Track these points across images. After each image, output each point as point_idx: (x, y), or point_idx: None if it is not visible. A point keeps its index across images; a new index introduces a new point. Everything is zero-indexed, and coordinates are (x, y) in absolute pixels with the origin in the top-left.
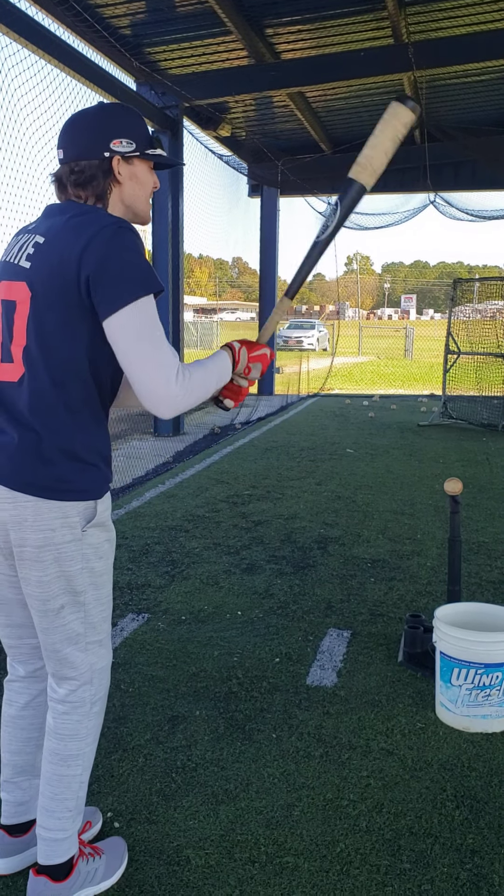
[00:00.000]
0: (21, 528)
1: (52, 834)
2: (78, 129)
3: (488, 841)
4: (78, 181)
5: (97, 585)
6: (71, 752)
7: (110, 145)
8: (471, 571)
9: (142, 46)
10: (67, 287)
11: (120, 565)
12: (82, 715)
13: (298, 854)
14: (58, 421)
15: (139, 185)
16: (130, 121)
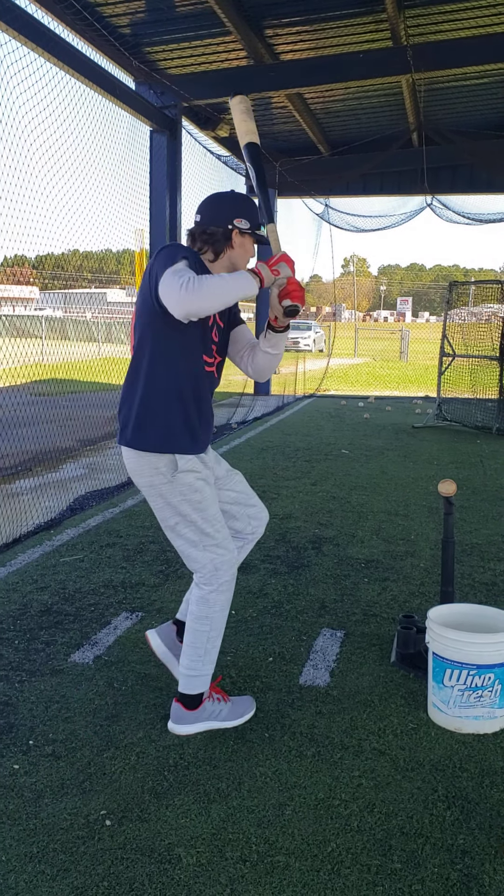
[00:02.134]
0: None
1: (186, 671)
2: (214, 205)
3: (479, 841)
4: (206, 240)
5: (200, 509)
6: (203, 615)
7: (234, 221)
8: (464, 573)
9: (141, 46)
10: (152, 281)
11: (114, 564)
12: (210, 591)
13: (290, 853)
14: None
15: (244, 252)
16: (249, 207)
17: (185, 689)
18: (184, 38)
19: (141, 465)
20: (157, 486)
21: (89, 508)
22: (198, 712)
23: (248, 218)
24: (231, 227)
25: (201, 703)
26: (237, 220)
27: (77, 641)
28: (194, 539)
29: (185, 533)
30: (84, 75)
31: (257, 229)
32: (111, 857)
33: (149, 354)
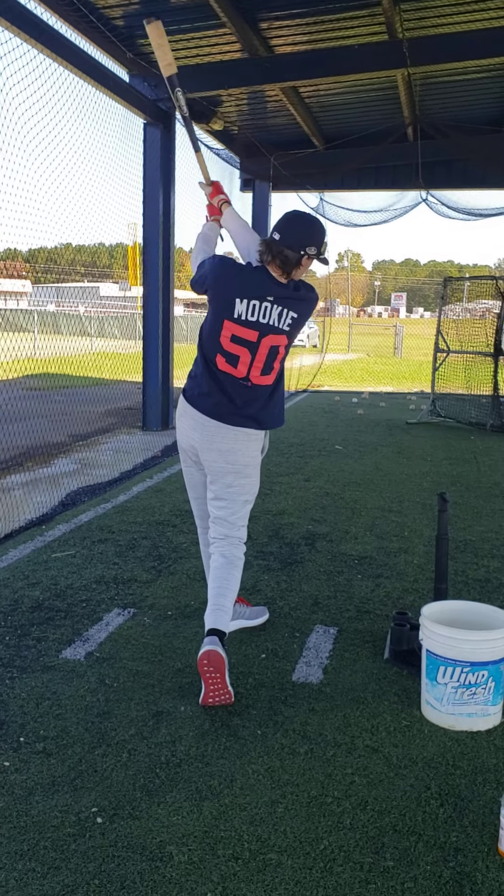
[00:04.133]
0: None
1: (223, 608)
2: (293, 228)
3: (472, 839)
4: (281, 260)
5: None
6: (238, 565)
7: (306, 248)
8: (457, 569)
9: (135, 38)
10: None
11: (106, 560)
12: (242, 553)
13: (282, 851)
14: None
15: (303, 271)
16: (319, 233)
17: (225, 625)
18: (178, 31)
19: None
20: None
21: (81, 504)
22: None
23: (317, 245)
24: (303, 254)
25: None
26: (309, 248)
27: (68, 638)
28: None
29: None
30: (77, 67)
31: (321, 253)
32: (102, 855)
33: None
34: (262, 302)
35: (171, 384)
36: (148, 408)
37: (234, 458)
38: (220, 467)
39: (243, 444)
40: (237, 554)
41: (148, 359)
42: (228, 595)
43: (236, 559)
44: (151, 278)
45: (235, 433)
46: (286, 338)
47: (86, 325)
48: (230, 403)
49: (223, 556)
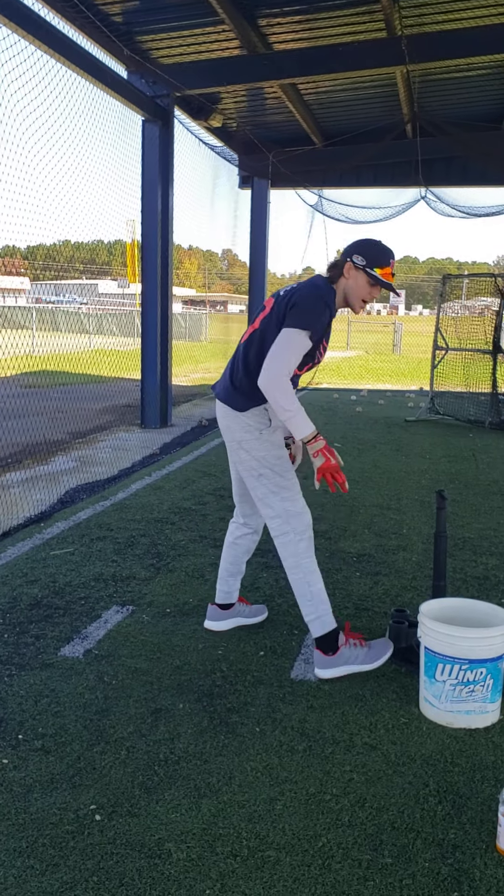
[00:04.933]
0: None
1: (307, 616)
2: (352, 244)
3: (470, 836)
4: (331, 268)
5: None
6: (291, 564)
7: (353, 256)
8: (456, 567)
9: (133, 34)
10: (285, 309)
11: (104, 557)
12: (289, 541)
13: (280, 848)
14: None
15: (355, 286)
16: (375, 251)
17: (317, 633)
18: (176, 27)
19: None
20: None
21: (80, 501)
22: (336, 657)
23: (366, 257)
24: (346, 260)
25: (338, 648)
26: (356, 256)
27: (67, 635)
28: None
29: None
30: (75, 64)
31: (372, 269)
32: (101, 852)
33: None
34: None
35: (170, 381)
36: (146, 405)
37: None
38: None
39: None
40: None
41: (146, 356)
42: (301, 603)
43: (286, 562)
44: (150, 275)
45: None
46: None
47: (84, 321)
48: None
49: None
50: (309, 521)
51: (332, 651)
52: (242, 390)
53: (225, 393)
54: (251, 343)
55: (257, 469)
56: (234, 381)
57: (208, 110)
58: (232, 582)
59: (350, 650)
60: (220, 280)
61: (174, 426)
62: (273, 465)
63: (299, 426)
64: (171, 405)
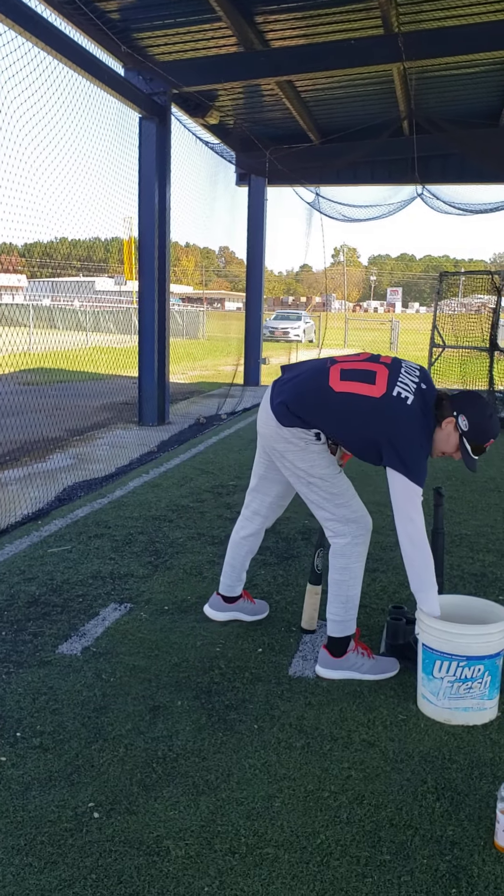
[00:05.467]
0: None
1: (332, 616)
2: (468, 400)
3: (468, 833)
4: (438, 405)
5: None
6: (341, 565)
7: (459, 417)
8: (453, 564)
9: (130, 31)
10: (383, 426)
11: (102, 555)
12: (346, 544)
13: (279, 845)
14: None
15: (445, 442)
16: (479, 424)
17: (332, 633)
18: (173, 24)
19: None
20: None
21: (77, 499)
22: (342, 660)
23: (471, 429)
24: (452, 416)
25: (346, 652)
26: (462, 419)
27: (65, 633)
28: (325, 497)
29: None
30: (72, 60)
31: (471, 442)
32: (99, 850)
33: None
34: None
35: (167, 379)
36: (144, 402)
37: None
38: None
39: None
40: (333, 550)
41: (143, 353)
42: (333, 601)
43: (335, 560)
44: (147, 273)
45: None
46: (386, 383)
47: (81, 319)
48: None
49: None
50: (369, 524)
51: (340, 654)
52: (294, 413)
53: (276, 398)
54: (328, 392)
55: (305, 478)
56: (287, 397)
57: (205, 107)
58: (236, 575)
59: (356, 657)
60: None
61: (172, 424)
62: (322, 475)
63: (423, 590)
64: (168, 403)
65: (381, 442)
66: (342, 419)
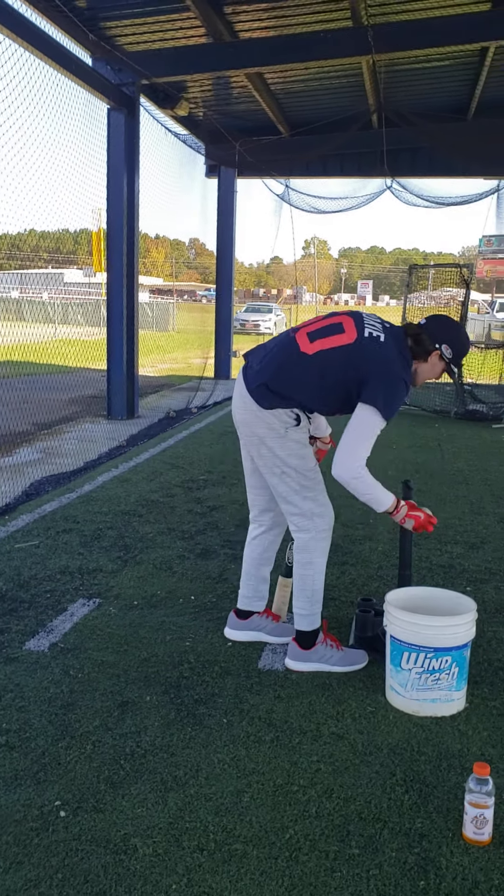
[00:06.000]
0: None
1: (298, 610)
2: (442, 326)
3: (436, 824)
4: (417, 342)
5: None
6: (305, 560)
7: (442, 346)
8: (421, 556)
9: (98, 20)
10: (364, 367)
11: (71, 550)
12: (309, 539)
13: (247, 841)
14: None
15: (431, 371)
16: (462, 346)
17: (300, 627)
18: (142, 13)
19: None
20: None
21: (45, 494)
22: (310, 652)
23: (455, 352)
24: (436, 348)
25: (315, 644)
26: (445, 348)
27: (32, 629)
28: (294, 488)
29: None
30: (38, 49)
31: (454, 364)
32: (66, 849)
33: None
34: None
35: (136, 371)
36: (113, 396)
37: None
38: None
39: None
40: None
41: (112, 346)
42: (298, 596)
43: (299, 555)
44: (115, 264)
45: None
46: (356, 336)
47: (50, 311)
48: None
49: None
50: (332, 520)
51: (309, 646)
52: (272, 391)
53: (252, 384)
54: (303, 357)
55: (280, 467)
56: (265, 378)
57: (174, 99)
58: (253, 586)
59: (325, 649)
60: (188, 269)
61: (141, 417)
62: (296, 465)
63: (380, 503)
64: (137, 396)
65: (361, 382)
66: (321, 379)
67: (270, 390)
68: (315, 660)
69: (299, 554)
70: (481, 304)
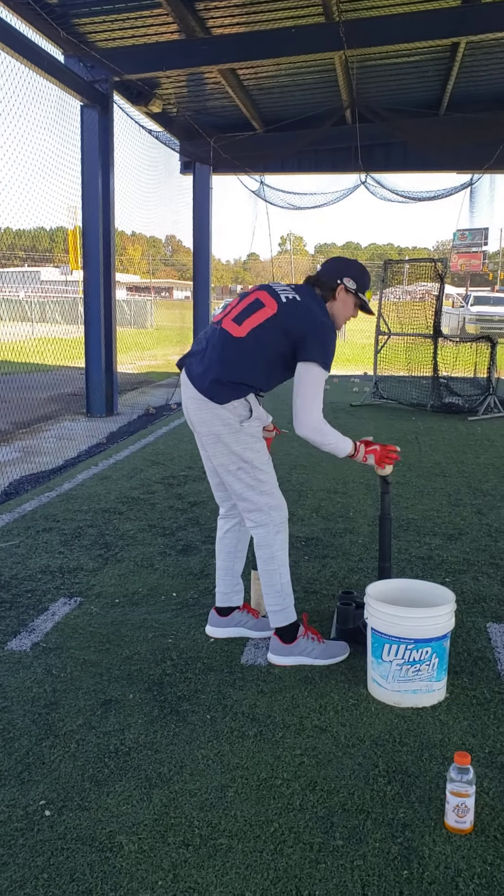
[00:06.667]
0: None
1: (271, 608)
2: (335, 265)
3: (419, 814)
4: (320, 286)
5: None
6: (267, 556)
7: (343, 279)
8: (401, 548)
9: (69, 17)
10: (295, 329)
11: (51, 549)
12: (267, 534)
13: (232, 835)
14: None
15: (344, 309)
16: (361, 274)
17: (276, 623)
18: (113, 10)
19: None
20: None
21: (24, 493)
22: (292, 646)
23: (357, 282)
24: (338, 283)
25: (296, 638)
26: (347, 280)
27: (14, 629)
28: (250, 483)
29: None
30: (9, 46)
31: (361, 292)
32: (51, 848)
33: (258, 358)
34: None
35: (115, 369)
36: (91, 393)
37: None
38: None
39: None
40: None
41: (90, 343)
42: (268, 592)
43: (260, 551)
44: (92, 262)
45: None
46: (276, 306)
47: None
48: None
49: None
50: (286, 512)
51: (290, 640)
52: (224, 383)
53: (202, 383)
54: (239, 341)
55: (235, 463)
56: (213, 374)
57: (148, 95)
58: (228, 582)
59: (307, 642)
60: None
61: (121, 414)
62: (252, 459)
63: (341, 449)
64: (116, 393)
65: (295, 344)
66: (263, 354)
67: (222, 383)
68: (297, 653)
69: (260, 550)
70: (456, 297)
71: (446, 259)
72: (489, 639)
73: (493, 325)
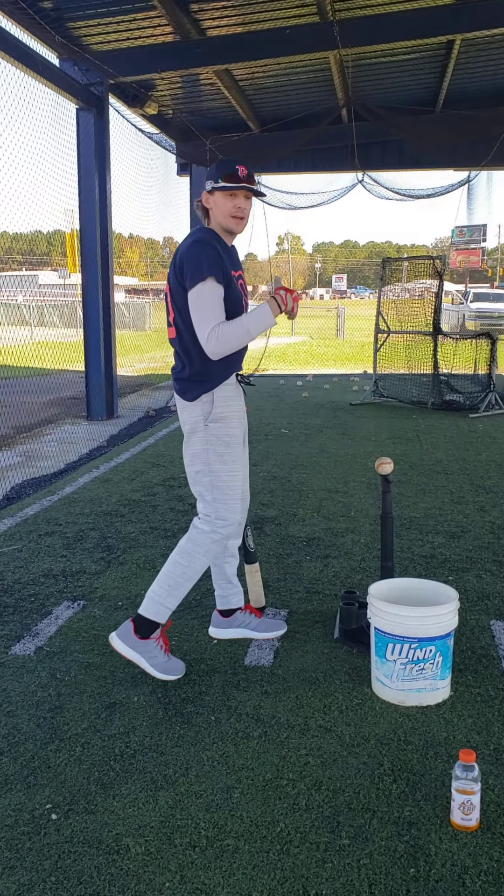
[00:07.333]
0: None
1: (152, 594)
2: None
3: (425, 812)
4: (200, 208)
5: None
6: (187, 550)
7: (201, 193)
8: (403, 547)
9: (64, 20)
10: (180, 279)
11: (53, 552)
12: (202, 533)
13: (239, 836)
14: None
15: (217, 208)
16: (211, 171)
17: (145, 611)
18: (108, 13)
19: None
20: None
21: (26, 497)
22: (139, 643)
23: (210, 178)
24: (207, 190)
25: (149, 637)
26: (207, 184)
27: (18, 633)
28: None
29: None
30: (4, 51)
31: (215, 181)
32: (58, 852)
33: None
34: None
35: (115, 372)
36: (92, 397)
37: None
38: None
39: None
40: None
41: (89, 347)
42: (160, 580)
43: (185, 542)
44: (90, 265)
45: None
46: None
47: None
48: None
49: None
50: (232, 530)
51: (143, 636)
52: (187, 379)
53: (176, 383)
54: (179, 333)
55: (195, 466)
56: (189, 374)
57: (143, 98)
58: (224, 585)
59: (154, 647)
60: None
61: (121, 417)
62: (212, 462)
63: (261, 323)
64: (116, 396)
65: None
66: (192, 332)
67: (191, 380)
68: (139, 651)
69: (186, 542)
70: (455, 294)
71: (445, 256)
72: (493, 636)
73: (493, 321)
